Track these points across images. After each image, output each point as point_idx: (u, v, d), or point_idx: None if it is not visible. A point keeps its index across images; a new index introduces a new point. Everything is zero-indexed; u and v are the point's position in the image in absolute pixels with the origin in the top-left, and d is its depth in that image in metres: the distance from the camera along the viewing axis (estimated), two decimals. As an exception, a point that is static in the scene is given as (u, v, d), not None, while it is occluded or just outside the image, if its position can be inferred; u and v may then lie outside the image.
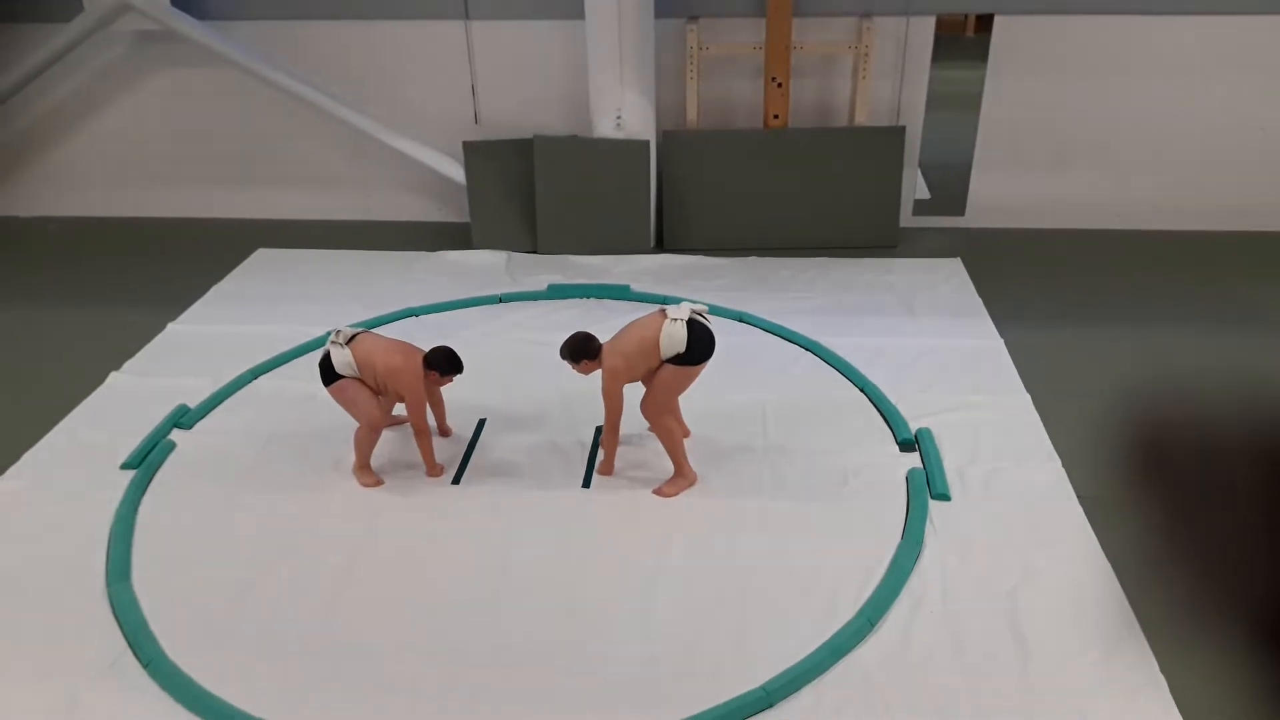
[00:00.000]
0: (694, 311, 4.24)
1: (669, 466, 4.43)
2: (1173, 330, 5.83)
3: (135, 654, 3.53)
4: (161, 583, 3.89)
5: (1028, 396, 5.04)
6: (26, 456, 4.70)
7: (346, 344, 4.31)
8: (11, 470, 4.60)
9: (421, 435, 4.43)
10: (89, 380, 5.36)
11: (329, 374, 4.32)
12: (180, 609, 3.76)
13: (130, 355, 5.64)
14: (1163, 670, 3.35)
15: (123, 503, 4.32)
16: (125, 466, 4.59)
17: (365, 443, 4.44)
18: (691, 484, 4.40)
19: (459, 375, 4.40)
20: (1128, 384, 4.82)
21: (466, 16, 7.03)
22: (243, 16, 7.16)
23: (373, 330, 4.81)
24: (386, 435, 4.83)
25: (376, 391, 4.36)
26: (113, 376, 5.42)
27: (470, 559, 4.02)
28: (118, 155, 7.78)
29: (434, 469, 4.52)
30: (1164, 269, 6.67)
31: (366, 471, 4.50)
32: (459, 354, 4.36)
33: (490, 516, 4.27)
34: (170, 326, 5.99)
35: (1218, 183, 7.07)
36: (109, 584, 3.86)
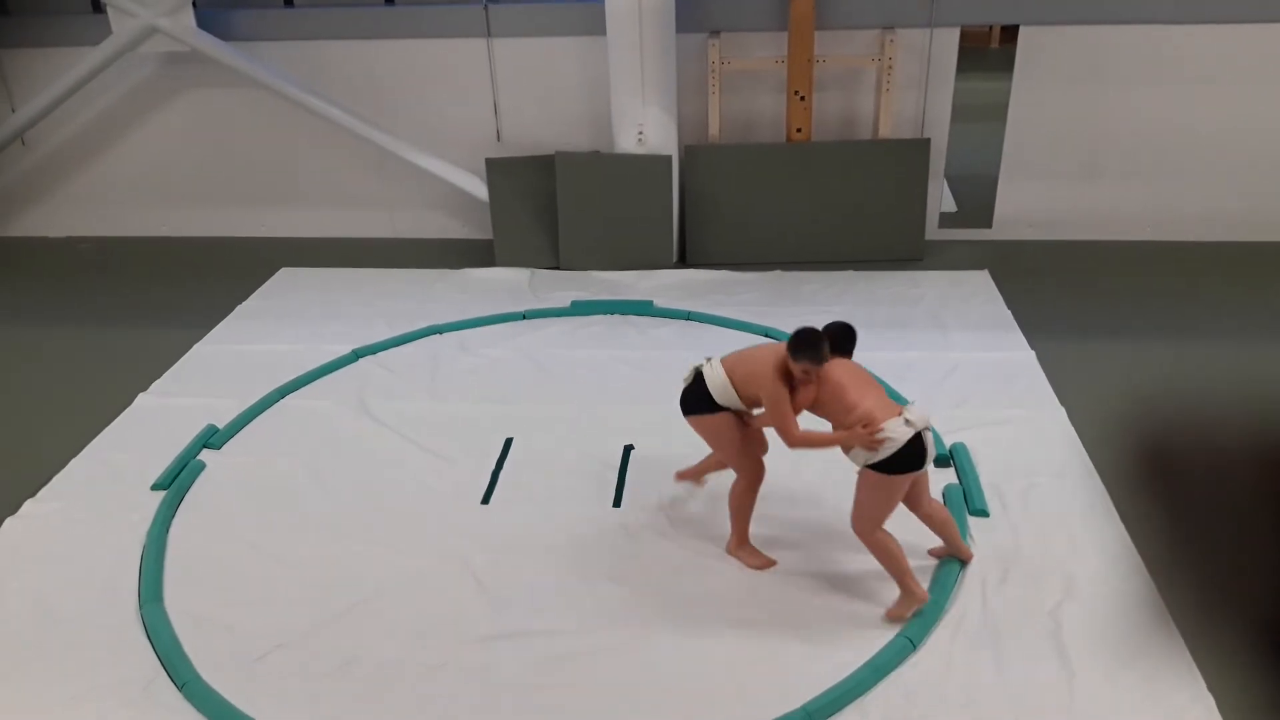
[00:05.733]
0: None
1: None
2: (1207, 342, 5.75)
3: (170, 675, 3.51)
4: (194, 604, 3.87)
5: (1062, 410, 4.97)
6: (56, 479, 4.70)
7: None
8: (42, 493, 4.60)
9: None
10: (117, 401, 5.37)
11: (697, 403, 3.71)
12: (213, 630, 3.74)
13: (157, 376, 5.65)
14: (1210, 688, 3.28)
15: (154, 524, 4.31)
16: (155, 487, 4.58)
17: (745, 504, 3.80)
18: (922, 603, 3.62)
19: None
20: (1157, 396, 4.76)
21: (488, 34, 7.05)
22: (268, 37, 7.22)
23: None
24: (399, 458, 4.82)
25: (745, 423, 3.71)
26: (141, 397, 5.43)
27: (500, 579, 3.98)
28: (144, 176, 7.84)
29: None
30: (1196, 280, 6.59)
31: (748, 549, 3.92)
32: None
33: (520, 536, 4.23)
34: (196, 347, 6.01)
35: (1248, 192, 6.99)
36: (141, 605, 3.85)
